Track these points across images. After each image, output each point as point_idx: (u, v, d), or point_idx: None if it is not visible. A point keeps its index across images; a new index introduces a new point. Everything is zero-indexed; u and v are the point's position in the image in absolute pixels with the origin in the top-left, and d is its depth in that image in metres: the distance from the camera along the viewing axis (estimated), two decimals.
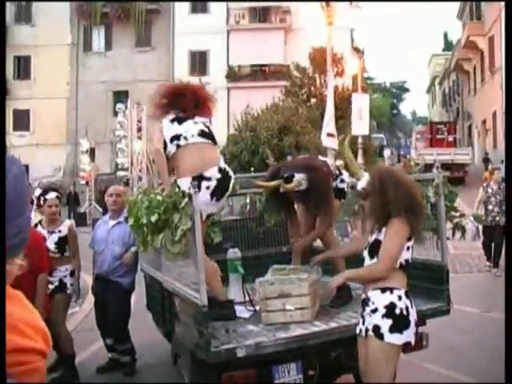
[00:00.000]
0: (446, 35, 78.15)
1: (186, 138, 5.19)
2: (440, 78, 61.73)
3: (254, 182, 6.40)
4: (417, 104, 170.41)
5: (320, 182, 5.51)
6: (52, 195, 6.93)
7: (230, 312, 5.08)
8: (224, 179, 5.21)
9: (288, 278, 4.94)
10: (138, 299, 7.43)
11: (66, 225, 7.01)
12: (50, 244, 6.73)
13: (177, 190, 4.78)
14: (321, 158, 6.20)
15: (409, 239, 4.09)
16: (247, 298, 5.35)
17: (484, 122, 37.61)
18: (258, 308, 5.17)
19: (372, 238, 4.18)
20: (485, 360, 6.74)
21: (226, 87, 40.30)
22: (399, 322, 3.92)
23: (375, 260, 4.09)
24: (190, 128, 5.25)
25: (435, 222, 5.34)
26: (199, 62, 41.04)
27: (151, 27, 41.41)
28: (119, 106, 29.45)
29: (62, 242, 6.83)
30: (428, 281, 5.12)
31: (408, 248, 4.10)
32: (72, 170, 38.79)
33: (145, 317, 6.93)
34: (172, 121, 5.29)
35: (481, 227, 12.53)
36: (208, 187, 5.06)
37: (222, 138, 28.13)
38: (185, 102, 5.36)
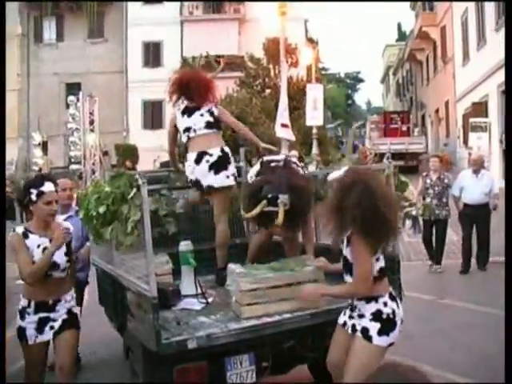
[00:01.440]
0: (399, 26, 78.97)
1: (194, 131, 6.01)
2: (394, 68, 62.32)
3: None
4: (371, 94, 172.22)
5: (304, 204, 5.50)
6: (49, 185, 4.87)
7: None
8: (224, 157, 5.95)
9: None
10: (90, 294, 7.32)
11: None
12: (58, 258, 4.80)
13: (125, 181, 4.70)
14: (293, 159, 6.25)
15: (375, 252, 4.04)
16: (199, 291, 5.29)
17: (437, 111, 38.10)
18: (210, 300, 5.13)
19: (343, 250, 4.17)
20: (445, 349, 6.79)
21: None
22: (387, 325, 4.05)
23: (348, 277, 4.15)
24: (198, 121, 6.02)
25: None
26: (153, 53, 40.72)
27: (104, 18, 40.87)
28: (71, 98, 29.00)
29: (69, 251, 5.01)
30: None
31: (378, 259, 4.09)
32: (24, 163, 38.11)
33: (97, 312, 6.83)
34: (182, 114, 6.09)
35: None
36: (208, 161, 5.86)
37: None
38: (190, 92, 6.09)
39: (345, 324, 4.23)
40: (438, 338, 7.24)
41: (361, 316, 4.09)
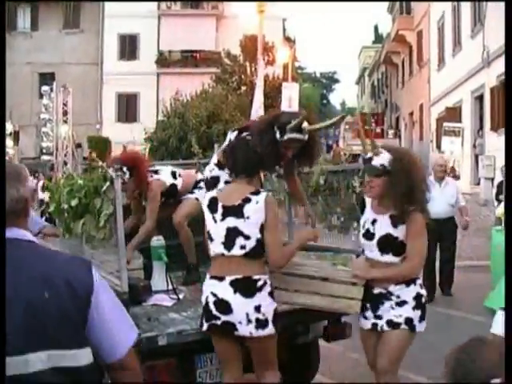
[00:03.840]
0: (376, 28, 79.30)
1: None
2: (369, 70, 62.59)
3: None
4: (346, 95, 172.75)
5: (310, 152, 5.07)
6: None
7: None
8: None
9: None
10: None
11: None
12: None
13: (99, 174, 4.65)
14: None
15: None
16: (170, 287, 5.25)
17: (411, 114, 38.34)
18: (181, 297, 5.09)
19: (381, 230, 4.07)
20: (414, 349, 6.80)
21: (156, 72, 39.90)
22: (424, 311, 4.11)
23: (389, 256, 4.05)
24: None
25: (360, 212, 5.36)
26: (129, 46, 40.44)
27: (80, 9, 40.36)
28: (45, 88, 28.64)
29: None
30: None
31: None
32: None
33: None
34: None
35: None
36: None
37: (150, 123, 27.84)
38: None
39: (374, 327, 4.14)
40: None
41: (401, 303, 4.02)
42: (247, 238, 3.96)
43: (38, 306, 1.99)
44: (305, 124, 4.67)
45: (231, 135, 5.15)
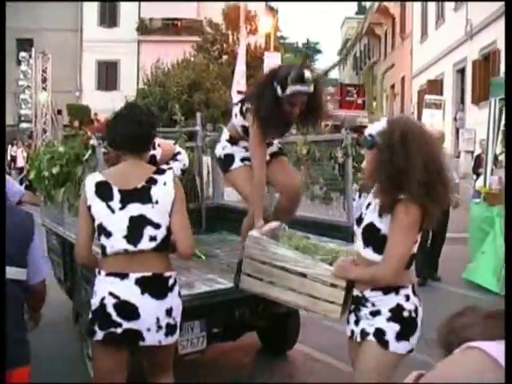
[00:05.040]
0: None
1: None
2: (352, 41, 62.35)
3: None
4: (328, 66, 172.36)
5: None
6: None
7: None
8: None
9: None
10: None
11: None
12: None
13: (80, 142, 4.60)
14: None
15: (420, 229, 3.15)
16: None
17: (393, 86, 38.32)
18: None
19: (368, 217, 3.23)
20: None
21: (137, 40, 39.45)
22: (407, 327, 3.15)
23: (369, 251, 3.20)
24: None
25: (342, 183, 5.37)
26: (109, 12, 39.87)
27: None
28: (23, 54, 28.30)
29: None
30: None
31: (415, 241, 3.18)
32: None
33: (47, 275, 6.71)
34: None
35: None
36: None
37: (130, 91, 27.59)
38: None
39: (352, 334, 3.32)
40: None
41: (375, 313, 3.16)
42: (157, 226, 3.33)
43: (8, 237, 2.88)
44: (307, 73, 4.17)
45: (236, 109, 4.74)
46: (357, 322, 3.26)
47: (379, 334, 3.12)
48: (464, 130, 20.45)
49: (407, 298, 3.15)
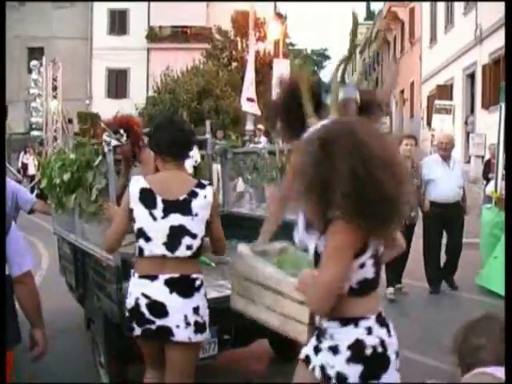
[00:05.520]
0: (368, 5, 78.87)
1: None
2: (361, 47, 62.37)
3: None
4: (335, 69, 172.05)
5: None
6: None
7: None
8: None
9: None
10: (51, 264, 7.21)
11: None
12: None
13: (91, 148, 4.62)
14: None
15: (362, 251, 2.59)
16: None
17: (402, 91, 38.27)
18: None
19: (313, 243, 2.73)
20: (405, 327, 6.80)
21: (146, 48, 39.57)
22: (373, 366, 2.62)
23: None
24: None
25: None
26: (119, 20, 40.02)
27: None
28: (34, 62, 28.43)
29: None
30: None
31: (363, 265, 2.62)
32: None
33: (58, 282, 6.73)
34: None
35: None
36: None
37: (140, 99, 27.73)
38: None
39: (308, 360, 2.83)
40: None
41: (335, 350, 2.64)
42: (194, 236, 3.56)
43: None
44: None
45: None
46: (316, 351, 2.76)
47: (341, 378, 2.61)
48: (474, 135, 20.37)
49: (369, 330, 2.62)
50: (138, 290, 3.54)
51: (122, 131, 5.31)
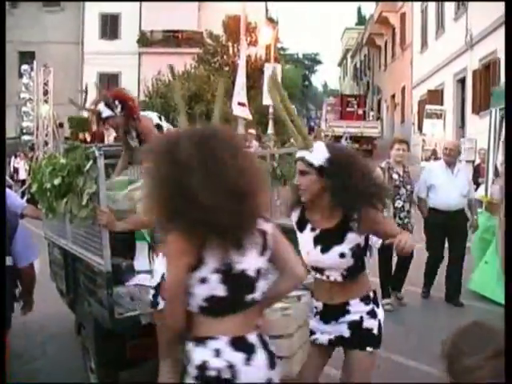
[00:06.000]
0: (359, 9, 79.27)
1: None
2: (352, 52, 62.53)
3: None
4: (328, 76, 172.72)
5: None
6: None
7: None
8: None
9: None
10: (42, 269, 7.16)
11: None
12: None
13: (81, 153, 4.60)
14: None
15: (199, 262, 2.41)
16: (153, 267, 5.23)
17: (393, 96, 38.41)
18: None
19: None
20: (399, 332, 6.80)
21: (138, 52, 39.58)
22: None
23: None
24: None
25: None
26: (110, 25, 40.05)
27: None
28: (25, 67, 28.33)
29: None
30: None
31: (204, 280, 2.43)
32: None
33: (49, 287, 6.69)
34: None
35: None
36: None
37: None
38: None
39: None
40: None
41: (186, 370, 2.51)
42: None
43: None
44: None
45: None
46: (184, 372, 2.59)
47: None
48: (465, 140, 20.46)
49: (217, 353, 2.41)
50: None
51: (116, 102, 5.36)
